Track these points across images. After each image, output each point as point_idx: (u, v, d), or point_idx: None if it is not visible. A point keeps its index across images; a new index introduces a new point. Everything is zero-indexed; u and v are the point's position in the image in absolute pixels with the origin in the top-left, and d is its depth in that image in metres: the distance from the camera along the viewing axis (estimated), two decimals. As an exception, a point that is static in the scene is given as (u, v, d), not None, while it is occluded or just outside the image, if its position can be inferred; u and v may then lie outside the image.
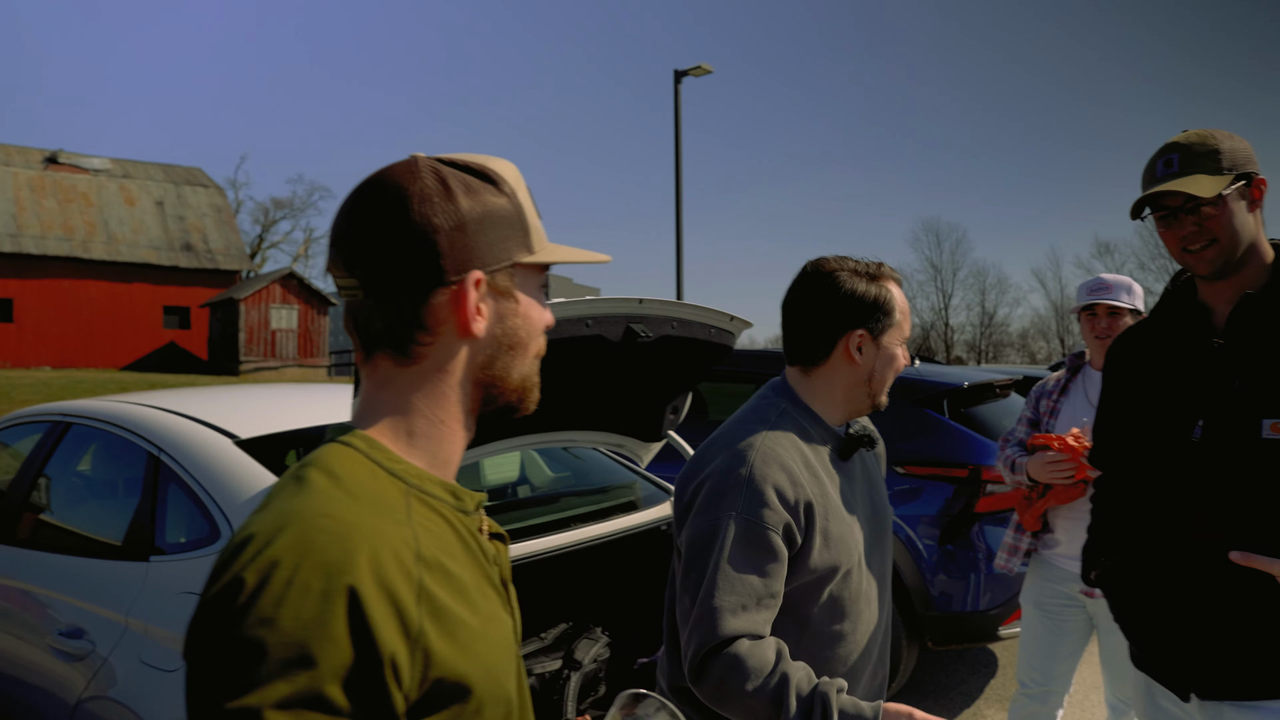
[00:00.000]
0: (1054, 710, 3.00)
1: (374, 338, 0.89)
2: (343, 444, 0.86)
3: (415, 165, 0.88)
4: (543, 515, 3.16)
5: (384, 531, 0.78)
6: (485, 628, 0.85)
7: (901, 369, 1.67)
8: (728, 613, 1.43)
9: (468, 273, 0.87)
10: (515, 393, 0.95)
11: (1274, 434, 1.59)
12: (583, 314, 2.38)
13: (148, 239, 33.96)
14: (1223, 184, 1.63)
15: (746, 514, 1.48)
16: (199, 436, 2.70)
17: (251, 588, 0.71)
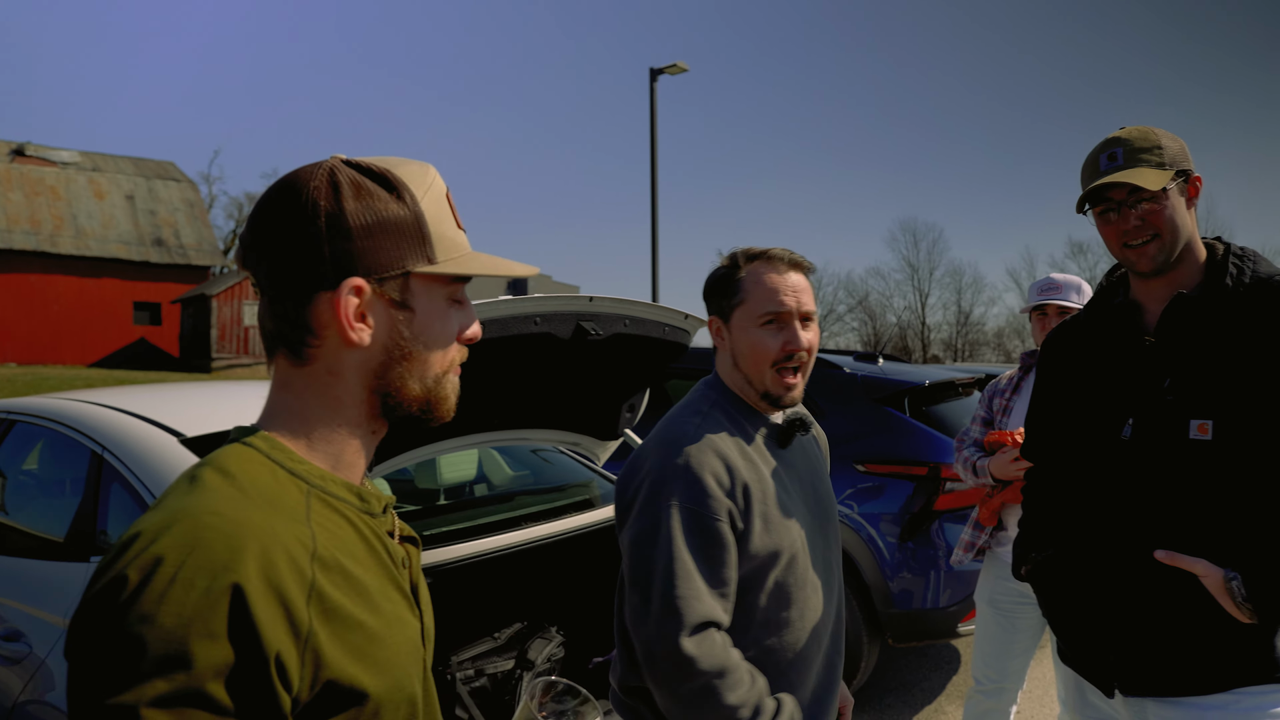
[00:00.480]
0: (1008, 706, 3.02)
1: (271, 336, 0.89)
2: (243, 444, 0.86)
3: (319, 166, 0.88)
4: (497, 514, 3.14)
5: (276, 530, 0.78)
6: (387, 630, 0.84)
7: (775, 350, 1.60)
8: (692, 599, 1.43)
9: (346, 278, 0.85)
10: (416, 403, 0.92)
11: (1200, 435, 1.60)
12: (530, 312, 2.36)
13: (117, 233, 33.50)
14: (1166, 178, 1.64)
15: (689, 503, 1.48)
16: (143, 434, 2.65)
17: (134, 585, 0.71)
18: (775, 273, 1.62)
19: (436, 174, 0.94)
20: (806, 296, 1.64)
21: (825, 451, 1.92)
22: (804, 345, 1.61)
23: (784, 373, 1.62)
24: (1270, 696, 1.61)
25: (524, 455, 4.11)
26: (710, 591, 1.46)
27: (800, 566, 1.60)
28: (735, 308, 1.64)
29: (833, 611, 1.71)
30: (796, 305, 1.61)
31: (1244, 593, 1.54)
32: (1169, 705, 1.67)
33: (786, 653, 1.59)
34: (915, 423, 4.27)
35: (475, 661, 2.98)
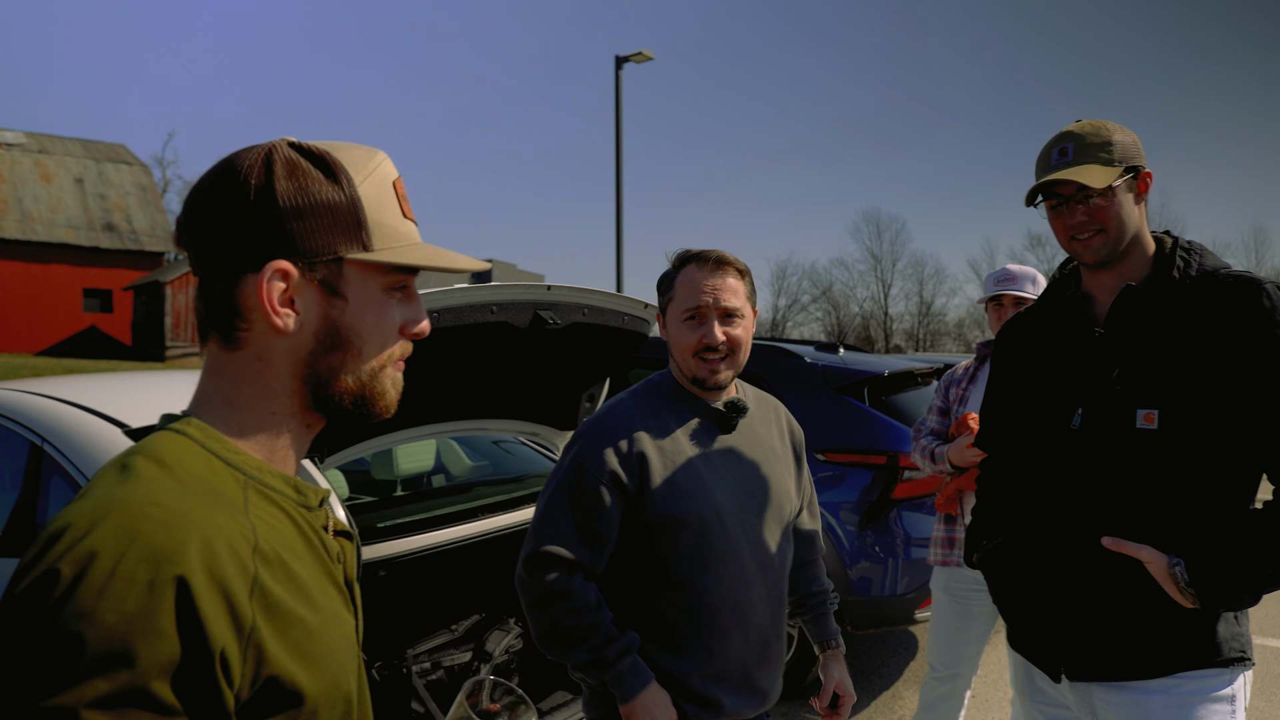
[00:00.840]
0: (962, 692, 3.06)
1: (203, 318, 0.87)
2: (175, 432, 0.82)
3: (259, 147, 0.85)
4: (455, 505, 3.10)
5: (218, 521, 0.74)
6: (324, 626, 0.82)
7: (692, 342, 1.77)
8: (548, 537, 1.69)
9: (270, 260, 0.82)
10: (350, 397, 0.89)
11: (1147, 424, 1.63)
12: (487, 300, 2.32)
13: (66, 218, 32.63)
14: (1113, 175, 1.67)
15: (577, 462, 1.73)
16: (85, 426, 2.57)
17: (68, 580, 0.66)
18: (701, 273, 1.77)
19: (385, 160, 0.90)
20: (727, 294, 1.77)
21: (792, 444, 1.99)
22: (718, 340, 1.75)
23: (707, 361, 1.77)
24: (1211, 680, 1.65)
25: (484, 446, 4.07)
26: (572, 536, 1.69)
27: (715, 537, 1.74)
28: (668, 304, 1.82)
29: (763, 592, 1.81)
30: (714, 302, 1.75)
31: (1187, 578, 1.57)
32: (1113, 689, 1.70)
33: (702, 616, 1.73)
34: (874, 412, 4.29)
35: (432, 654, 2.94)
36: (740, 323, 1.79)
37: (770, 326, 52.20)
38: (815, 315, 53.54)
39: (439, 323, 2.22)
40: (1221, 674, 1.65)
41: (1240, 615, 1.69)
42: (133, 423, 2.57)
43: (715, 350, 1.76)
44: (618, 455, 1.71)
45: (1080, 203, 1.69)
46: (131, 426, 2.55)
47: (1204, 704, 1.65)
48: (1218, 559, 1.57)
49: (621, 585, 1.78)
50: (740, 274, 1.81)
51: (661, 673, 1.72)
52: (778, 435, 1.96)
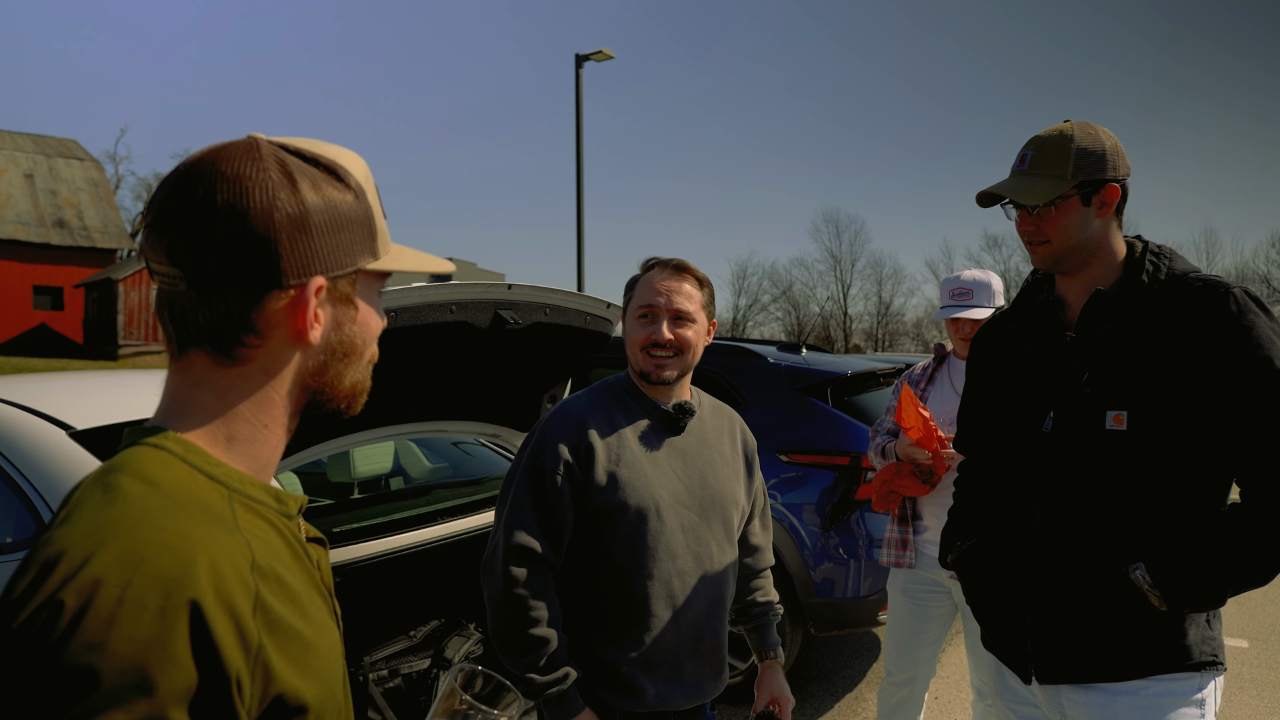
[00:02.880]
0: (920, 695, 3.06)
1: (192, 333, 0.80)
2: (153, 446, 0.78)
3: (257, 150, 0.80)
4: (413, 508, 3.05)
5: (219, 540, 0.72)
6: (318, 637, 0.81)
7: (641, 338, 1.87)
8: (516, 528, 1.76)
9: (309, 278, 0.80)
10: (345, 398, 0.90)
11: (1116, 425, 1.64)
12: (446, 299, 2.27)
13: (15, 214, 31.80)
14: (1057, 190, 1.69)
15: (534, 454, 1.82)
16: (28, 427, 2.48)
17: (74, 610, 0.63)
18: (660, 275, 1.89)
19: (361, 159, 0.90)
20: (680, 297, 1.87)
21: (744, 452, 2.05)
22: (665, 338, 1.85)
23: (653, 357, 1.86)
24: (1180, 683, 1.66)
25: (443, 448, 4.01)
26: (537, 527, 1.77)
27: (653, 533, 1.82)
28: (627, 304, 1.93)
29: (704, 590, 1.87)
30: (666, 302, 1.86)
31: (1149, 580, 1.59)
32: (1082, 690, 1.71)
33: (635, 605, 1.82)
34: (837, 412, 4.30)
35: (390, 661, 2.89)
36: (691, 326, 1.88)
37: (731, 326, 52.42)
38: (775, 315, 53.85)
39: (396, 322, 2.18)
40: (1191, 677, 1.66)
41: (1212, 619, 1.70)
42: (78, 425, 2.49)
43: (662, 347, 1.85)
44: (568, 446, 1.81)
45: (1030, 211, 1.73)
46: (77, 428, 2.47)
47: (1172, 707, 1.65)
48: (1179, 560, 1.58)
49: (569, 575, 1.85)
50: (699, 282, 1.91)
51: (595, 659, 1.81)
52: (729, 442, 2.02)
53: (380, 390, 2.59)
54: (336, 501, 3.44)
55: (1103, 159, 1.71)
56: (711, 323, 1.95)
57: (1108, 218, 1.74)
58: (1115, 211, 1.75)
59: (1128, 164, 1.75)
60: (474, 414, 2.97)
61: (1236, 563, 1.57)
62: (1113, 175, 1.71)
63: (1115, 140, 1.75)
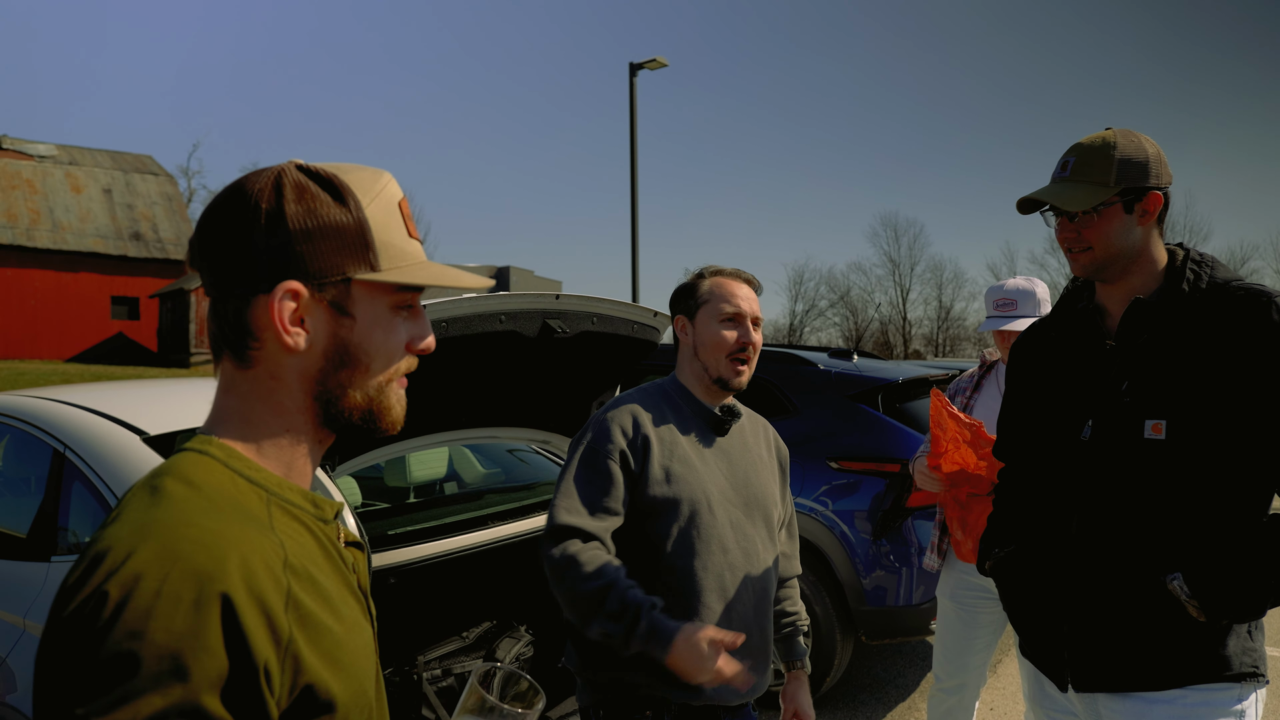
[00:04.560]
0: (970, 703, 3.04)
1: (215, 338, 0.89)
2: (198, 452, 0.85)
3: (267, 170, 0.88)
4: (466, 512, 3.13)
5: (252, 539, 0.77)
6: (349, 635, 0.85)
7: (728, 342, 1.93)
8: (564, 511, 1.79)
9: (280, 281, 0.84)
10: (358, 412, 0.91)
11: (1154, 434, 1.63)
12: (496, 309, 2.35)
13: (95, 227, 33.14)
14: (1100, 197, 1.68)
15: (591, 443, 1.87)
16: (105, 432, 2.62)
17: (116, 600, 0.69)
18: (735, 284, 1.99)
19: (391, 181, 0.93)
20: (756, 305, 2.00)
21: (778, 458, 2.11)
22: (754, 340, 1.95)
23: (735, 361, 1.94)
24: (1217, 694, 1.64)
25: (497, 453, 4.10)
26: (585, 508, 1.79)
27: (705, 526, 1.86)
28: (700, 307, 1.98)
29: (751, 587, 1.92)
30: (749, 309, 1.97)
31: (1187, 591, 1.57)
32: (1118, 699, 1.70)
33: (687, 599, 1.85)
34: (888, 419, 4.28)
35: (443, 661, 2.97)
36: (759, 331, 1.98)
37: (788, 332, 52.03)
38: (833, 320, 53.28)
39: (447, 332, 2.25)
40: (1230, 689, 1.64)
41: (1254, 630, 1.67)
42: (151, 430, 2.62)
43: (745, 351, 1.93)
44: (625, 437, 1.86)
45: (1071, 219, 1.72)
46: (150, 433, 2.60)
47: (1209, 716, 1.64)
48: (1218, 571, 1.57)
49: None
50: (759, 290, 2.04)
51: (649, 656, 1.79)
52: (765, 447, 2.09)
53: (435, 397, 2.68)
54: (393, 505, 3.55)
55: (1145, 167, 1.70)
56: None
57: (1149, 226, 1.72)
58: (1157, 220, 1.73)
59: (1170, 173, 1.74)
60: (525, 421, 3.04)
61: (1277, 574, 1.55)
62: (1155, 183, 1.70)
63: (1158, 149, 1.73)
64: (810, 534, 4.18)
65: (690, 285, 2.03)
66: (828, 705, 4.30)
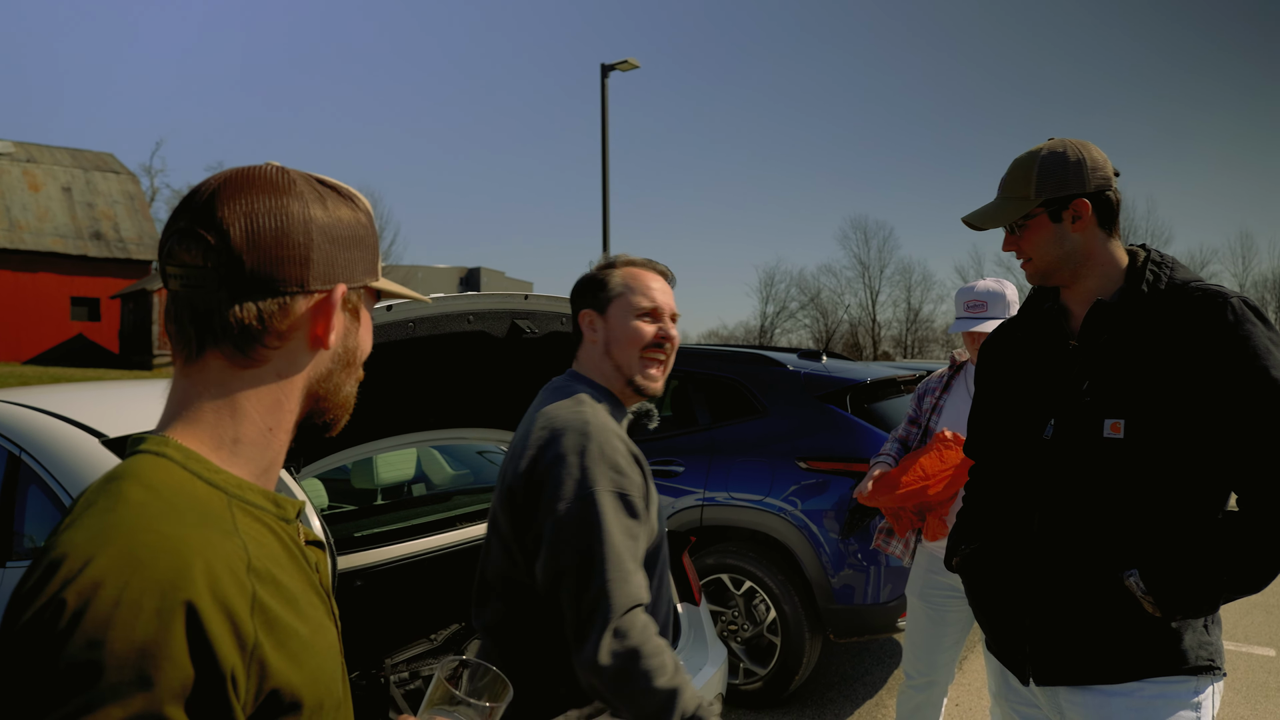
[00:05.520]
0: (939, 699, 3.07)
1: (216, 334, 0.84)
2: (154, 454, 0.82)
3: (285, 171, 0.89)
4: (434, 513, 3.11)
5: (215, 543, 0.75)
6: (314, 636, 0.84)
7: (645, 337, 1.75)
8: (622, 584, 1.50)
9: (335, 284, 0.88)
10: (339, 409, 0.95)
11: (1113, 433, 1.66)
12: (463, 310, 2.33)
13: (53, 226, 32.53)
14: (1021, 210, 1.75)
15: (612, 486, 1.57)
16: (62, 435, 2.57)
17: (74, 608, 0.67)
18: (649, 276, 1.80)
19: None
20: (672, 299, 1.83)
21: None
22: (673, 335, 1.78)
23: (649, 363, 1.76)
24: (1174, 686, 1.67)
25: (466, 454, 4.07)
26: (636, 568, 1.54)
27: (662, 552, 1.75)
28: (612, 300, 1.77)
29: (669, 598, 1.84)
30: (667, 304, 1.80)
31: (1143, 587, 1.61)
32: (1079, 691, 1.74)
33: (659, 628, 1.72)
34: (857, 420, 4.31)
35: (410, 664, 2.94)
36: (675, 327, 1.82)
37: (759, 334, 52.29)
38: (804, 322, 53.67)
39: (415, 332, 2.23)
40: (1187, 681, 1.67)
41: (1211, 625, 1.71)
42: (111, 433, 2.57)
43: (662, 349, 1.77)
44: (635, 469, 1.63)
45: (1011, 232, 1.80)
46: (109, 436, 2.55)
47: (1167, 709, 1.67)
48: (1173, 568, 1.60)
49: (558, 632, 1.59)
50: (673, 283, 1.87)
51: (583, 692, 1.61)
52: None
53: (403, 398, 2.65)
54: (360, 507, 3.51)
55: (1065, 175, 1.72)
56: None
57: (1087, 230, 1.74)
58: (1100, 224, 1.75)
59: (1107, 176, 1.74)
60: (494, 421, 3.03)
61: (1230, 570, 1.58)
62: (1080, 190, 1.72)
63: (1094, 154, 1.74)
64: (779, 533, 4.20)
65: (599, 277, 1.81)
66: (796, 703, 4.33)
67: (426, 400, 2.70)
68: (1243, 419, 1.57)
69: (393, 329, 2.16)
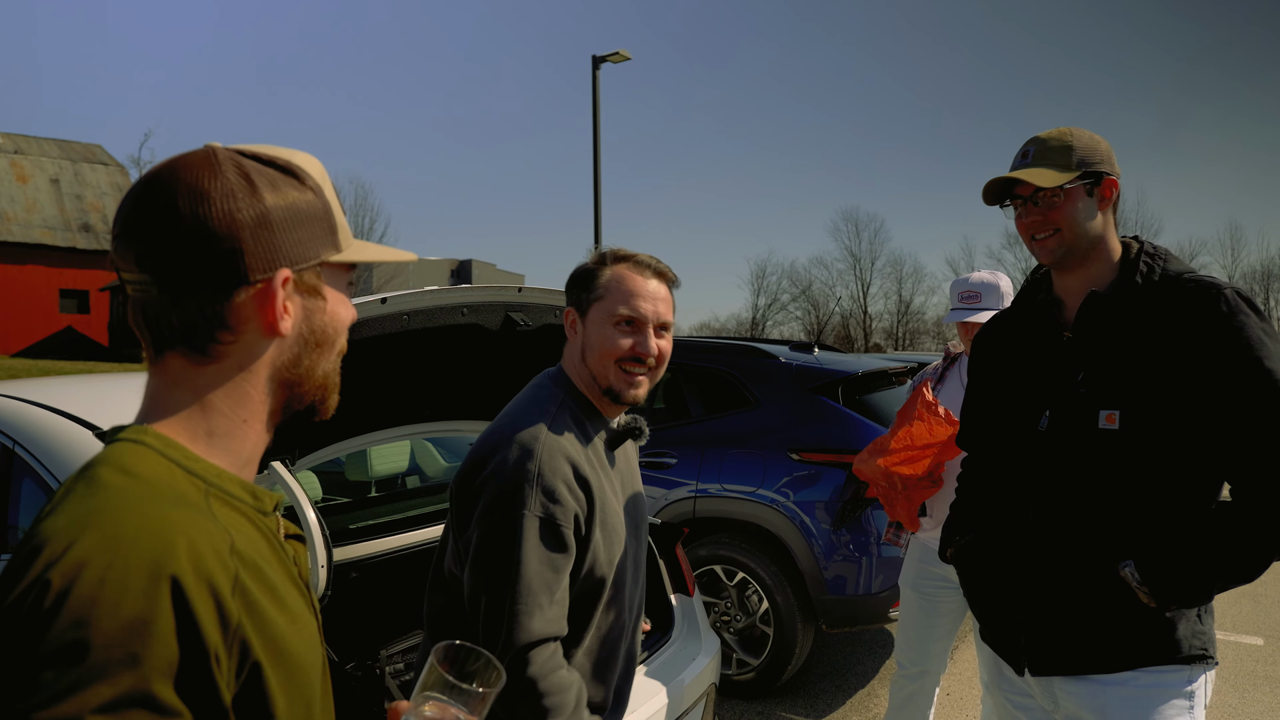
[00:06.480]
0: (931, 689, 3.10)
1: (168, 335, 0.84)
2: (133, 442, 0.82)
3: (214, 158, 0.84)
4: (428, 505, 3.11)
5: (198, 523, 0.76)
6: (294, 627, 0.84)
7: (619, 350, 1.60)
8: (527, 617, 1.44)
9: (274, 271, 0.84)
10: (319, 390, 0.93)
11: (1108, 424, 1.67)
12: (458, 302, 2.33)
13: (42, 218, 32.31)
14: (1066, 178, 1.72)
15: (540, 512, 1.47)
16: (56, 428, 2.56)
17: (59, 589, 0.67)
18: (640, 278, 1.63)
19: (319, 162, 0.94)
20: (665, 306, 1.65)
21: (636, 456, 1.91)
22: (653, 352, 1.62)
23: (629, 372, 1.62)
24: (1169, 675, 1.69)
25: (459, 446, 4.08)
26: (548, 602, 1.46)
27: (624, 569, 1.65)
28: (593, 303, 1.64)
29: (636, 608, 1.77)
30: (653, 313, 1.62)
31: (1138, 577, 1.62)
32: (1073, 681, 1.75)
33: (606, 651, 1.66)
34: (848, 411, 4.34)
35: (405, 655, 2.95)
36: (668, 337, 1.67)
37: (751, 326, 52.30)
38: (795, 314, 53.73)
39: (409, 325, 2.24)
40: (1181, 670, 1.69)
41: (1204, 614, 1.73)
42: (105, 425, 2.57)
43: (642, 363, 1.62)
44: (571, 494, 1.51)
45: (1036, 204, 1.75)
46: (103, 429, 2.55)
47: (1161, 698, 1.69)
48: (1166, 558, 1.62)
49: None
50: (673, 285, 1.71)
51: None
52: (633, 451, 1.85)
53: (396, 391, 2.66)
54: (354, 499, 3.52)
55: (1102, 154, 1.77)
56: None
57: (1107, 213, 1.78)
58: (1112, 209, 1.79)
59: (1119, 169, 1.80)
60: (488, 414, 3.03)
61: (1223, 560, 1.60)
62: (1110, 170, 1.77)
63: (1109, 145, 1.80)
64: (771, 525, 4.23)
65: (587, 272, 1.66)
66: (788, 693, 4.36)
67: (421, 392, 2.70)
68: (1236, 409, 1.58)
69: (387, 321, 2.16)
